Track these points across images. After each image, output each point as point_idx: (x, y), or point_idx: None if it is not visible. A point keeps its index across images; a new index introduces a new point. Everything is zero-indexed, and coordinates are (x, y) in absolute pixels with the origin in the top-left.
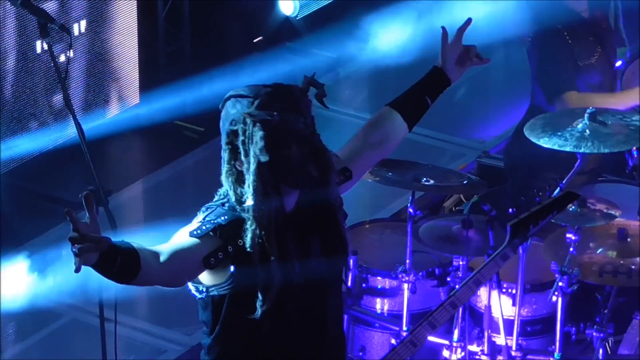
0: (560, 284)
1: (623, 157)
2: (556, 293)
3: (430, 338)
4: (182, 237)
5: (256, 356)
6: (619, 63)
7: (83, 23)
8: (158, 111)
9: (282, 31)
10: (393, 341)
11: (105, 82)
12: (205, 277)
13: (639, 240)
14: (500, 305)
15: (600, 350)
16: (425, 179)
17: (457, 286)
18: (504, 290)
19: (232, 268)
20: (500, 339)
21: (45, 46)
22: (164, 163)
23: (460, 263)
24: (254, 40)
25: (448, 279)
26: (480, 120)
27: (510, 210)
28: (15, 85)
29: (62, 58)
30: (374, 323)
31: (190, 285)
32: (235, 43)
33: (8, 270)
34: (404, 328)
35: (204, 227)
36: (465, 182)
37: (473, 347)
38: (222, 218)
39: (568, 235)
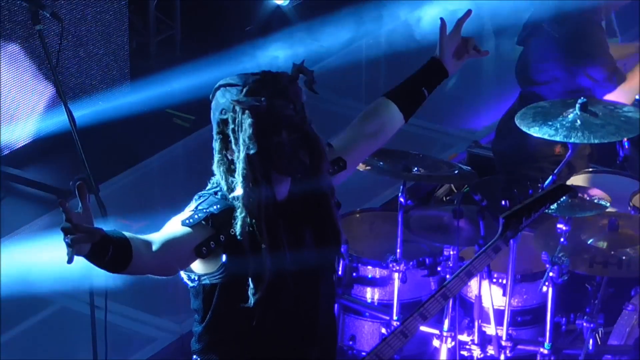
0: (550, 274)
1: (614, 148)
2: (547, 283)
3: (421, 327)
4: (174, 226)
5: (247, 344)
6: None
7: (75, 10)
8: (149, 99)
9: (273, 20)
10: (383, 330)
11: (95, 70)
12: (197, 266)
13: (629, 231)
14: (491, 295)
15: (590, 341)
16: (416, 168)
17: (447, 276)
18: (494, 280)
19: (224, 257)
20: (490, 329)
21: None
22: (155, 151)
23: (451, 253)
24: (245, 29)
25: (438, 268)
26: (471, 110)
27: (504, 202)
28: (5, 73)
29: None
30: (365, 312)
31: (182, 273)
32: (226, 31)
33: None
34: (394, 317)
35: (196, 216)
36: (456, 171)
37: (463, 337)
38: (215, 207)
39: (559, 225)
